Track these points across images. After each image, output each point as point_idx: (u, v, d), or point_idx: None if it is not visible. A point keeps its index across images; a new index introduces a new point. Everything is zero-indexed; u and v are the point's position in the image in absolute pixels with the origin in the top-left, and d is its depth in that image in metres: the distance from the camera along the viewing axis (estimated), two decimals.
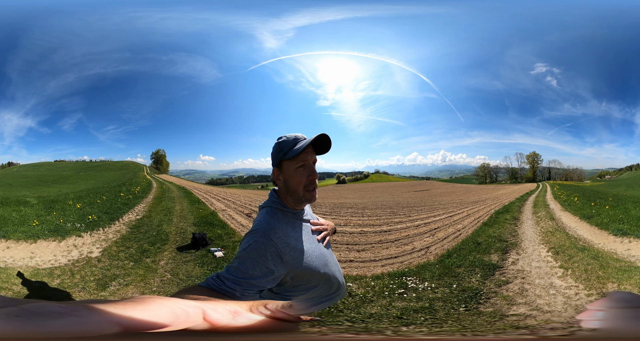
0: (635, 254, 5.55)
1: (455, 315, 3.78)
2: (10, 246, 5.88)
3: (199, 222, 8.32)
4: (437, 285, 4.72)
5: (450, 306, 4.05)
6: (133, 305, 0.53)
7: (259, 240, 1.43)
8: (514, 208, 10.30)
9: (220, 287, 1.31)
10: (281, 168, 1.57)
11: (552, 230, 7.31)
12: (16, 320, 0.47)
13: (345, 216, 9.96)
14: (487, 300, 4.17)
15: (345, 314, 3.90)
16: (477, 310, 3.91)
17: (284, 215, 1.57)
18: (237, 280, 1.33)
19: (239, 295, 1.32)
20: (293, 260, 1.48)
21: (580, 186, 15.60)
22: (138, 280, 5.08)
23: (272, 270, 1.40)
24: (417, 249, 6.69)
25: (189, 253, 6.25)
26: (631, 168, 16.46)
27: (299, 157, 1.52)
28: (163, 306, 0.54)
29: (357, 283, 4.88)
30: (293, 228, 1.56)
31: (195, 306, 0.55)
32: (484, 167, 18.29)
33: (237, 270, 1.35)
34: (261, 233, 1.45)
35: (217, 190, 15.22)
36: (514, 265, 5.30)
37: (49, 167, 16.10)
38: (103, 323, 0.48)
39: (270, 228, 1.48)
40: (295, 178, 1.54)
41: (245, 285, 1.33)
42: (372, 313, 3.91)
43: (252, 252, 1.40)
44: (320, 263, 1.60)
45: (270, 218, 1.53)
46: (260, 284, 1.37)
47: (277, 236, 1.46)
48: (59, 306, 0.49)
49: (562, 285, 4.46)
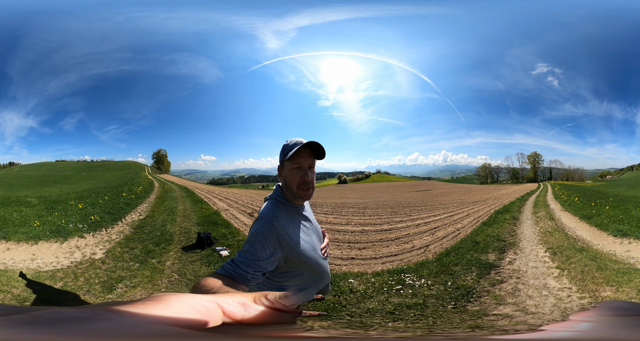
0: (635, 255, 5.49)
1: (440, 312, 3.83)
2: (10, 247, 5.77)
3: (202, 222, 8.34)
4: (433, 282, 4.77)
5: (441, 303, 4.09)
6: (154, 304, 0.52)
7: (265, 225, 1.64)
8: (514, 208, 10.33)
9: (235, 271, 1.49)
10: (283, 167, 1.80)
11: (551, 230, 7.33)
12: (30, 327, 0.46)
13: (346, 215, 10.01)
14: (478, 298, 4.20)
15: (347, 309, 3.96)
16: (463, 308, 3.93)
17: (285, 208, 1.79)
18: (248, 262, 1.52)
19: (250, 278, 1.50)
20: (289, 246, 1.68)
21: (581, 186, 15.58)
22: (145, 282, 4.94)
23: (274, 252, 1.61)
24: (417, 247, 6.74)
25: (194, 253, 6.20)
26: (632, 169, 16.44)
27: (294, 159, 1.74)
28: (183, 303, 0.54)
29: (359, 280, 4.93)
30: (292, 220, 1.77)
31: (209, 300, 0.57)
32: (485, 167, 18.32)
33: (248, 253, 1.55)
34: (266, 220, 1.66)
35: (218, 190, 15.25)
36: (511, 264, 5.32)
37: (50, 167, 16.15)
38: (136, 325, 0.48)
39: (274, 216, 1.69)
40: (291, 177, 1.77)
41: (254, 266, 1.52)
42: (370, 308, 3.96)
43: (259, 235, 1.61)
44: (311, 254, 1.80)
45: (274, 208, 1.75)
46: (265, 266, 1.56)
47: (279, 223, 1.67)
48: (78, 312, 0.48)
49: (555, 286, 4.45)
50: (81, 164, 16.59)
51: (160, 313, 0.50)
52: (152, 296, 0.56)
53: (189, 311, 0.52)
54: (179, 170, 17.59)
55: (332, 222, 9.08)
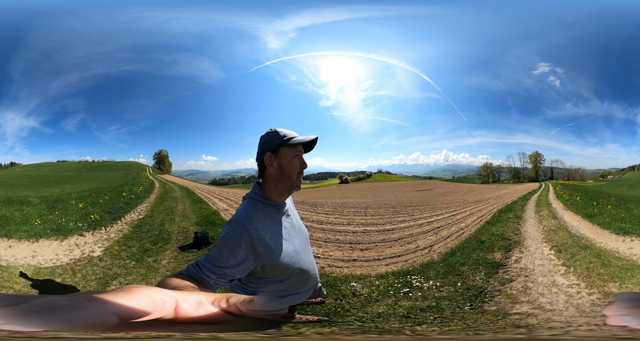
0: (637, 253, 5.56)
1: (461, 314, 3.77)
2: (12, 245, 5.88)
3: (201, 221, 8.30)
4: (442, 283, 4.70)
5: (456, 305, 4.03)
6: (122, 294, 0.56)
7: (236, 229, 1.49)
8: (516, 207, 10.29)
9: (198, 275, 1.39)
10: (278, 153, 1.62)
11: (555, 228, 7.29)
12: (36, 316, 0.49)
13: (348, 215, 9.96)
14: (492, 298, 4.15)
15: (352, 314, 3.88)
16: (481, 309, 3.89)
17: (264, 208, 1.61)
18: (212, 268, 1.40)
19: (212, 284, 1.39)
20: (265, 253, 1.52)
21: (583, 186, 15.55)
22: (139, 279, 5.05)
23: (245, 259, 1.47)
24: (421, 248, 6.68)
25: (191, 253, 6.22)
26: (634, 169, 16.41)
27: (298, 147, 1.63)
28: (146, 296, 0.57)
29: (362, 283, 4.85)
30: (271, 222, 1.60)
31: (172, 296, 0.59)
32: (487, 167, 18.28)
33: (214, 258, 1.42)
34: (239, 223, 1.51)
35: (219, 190, 15.21)
36: (517, 263, 5.28)
37: (51, 167, 16.13)
38: (102, 313, 0.51)
39: (249, 218, 1.53)
40: (292, 166, 1.61)
41: (219, 273, 1.40)
42: (380, 313, 3.89)
43: (229, 240, 1.46)
44: (294, 260, 1.64)
45: (250, 209, 1.58)
46: (232, 273, 1.44)
47: (253, 227, 1.51)
48: (65, 299, 0.51)
49: (564, 283, 4.44)
50: (82, 164, 16.56)
51: (125, 303, 0.54)
52: (127, 287, 0.59)
53: (147, 304, 0.55)
54: (180, 171, 17.58)
55: (333, 222, 9.02)
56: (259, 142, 1.69)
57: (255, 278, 1.60)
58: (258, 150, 1.67)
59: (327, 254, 6.35)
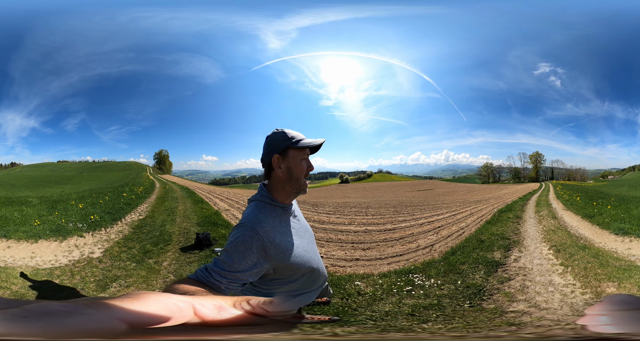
0: (635, 253, 5.57)
1: (461, 312, 3.79)
2: (11, 245, 5.82)
3: (202, 222, 8.28)
4: (443, 281, 4.73)
5: (456, 303, 4.06)
6: (131, 301, 0.54)
7: (246, 234, 1.45)
8: (516, 207, 10.30)
9: (208, 280, 1.35)
10: (286, 155, 1.59)
11: (554, 228, 7.31)
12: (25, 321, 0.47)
13: (349, 215, 9.97)
14: (490, 296, 4.19)
15: (360, 312, 3.89)
16: (480, 307, 3.92)
17: (272, 209, 1.59)
18: (223, 273, 1.37)
19: (224, 288, 1.36)
20: (277, 254, 1.50)
21: (583, 186, 15.55)
22: (140, 282, 4.95)
23: (257, 263, 1.44)
24: (422, 247, 6.70)
25: (192, 254, 6.14)
26: (634, 169, 16.39)
27: (305, 149, 1.60)
28: (158, 302, 0.55)
29: (365, 282, 4.87)
30: (280, 223, 1.58)
31: (185, 301, 0.57)
32: (487, 167, 18.26)
33: (224, 263, 1.39)
34: (248, 227, 1.47)
35: (220, 190, 15.22)
36: (516, 262, 5.31)
37: (51, 168, 16.13)
38: (108, 320, 0.49)
39: (258, 222, 1.50)
40: (299, 168, 1.59)
41: (230, 277, 1.37)
42: (387, 311, 3.90)
43: (239, 245, 1.43)
44: (304, 259, 1.63)
45: (258, 211, 1.55)
46: (244, 277, 1.41)
47: (263, 230, 1.48)
48: (62, 305, 0.50)
49: (560, 282, 4.48)
50: (83, 165, 16.54)
51: (134, 309, 0.52)
52: (133, 293, 0.57)
53: (162, 310, 0.53)
54: (180, 171, 17.57)
55: (334, 221, 9.03)
56: (265, 142, 1.65)
57: (267, 280, 1.59)
58: (264, 151, 1.64)
59: (329, 254, 6.37)
